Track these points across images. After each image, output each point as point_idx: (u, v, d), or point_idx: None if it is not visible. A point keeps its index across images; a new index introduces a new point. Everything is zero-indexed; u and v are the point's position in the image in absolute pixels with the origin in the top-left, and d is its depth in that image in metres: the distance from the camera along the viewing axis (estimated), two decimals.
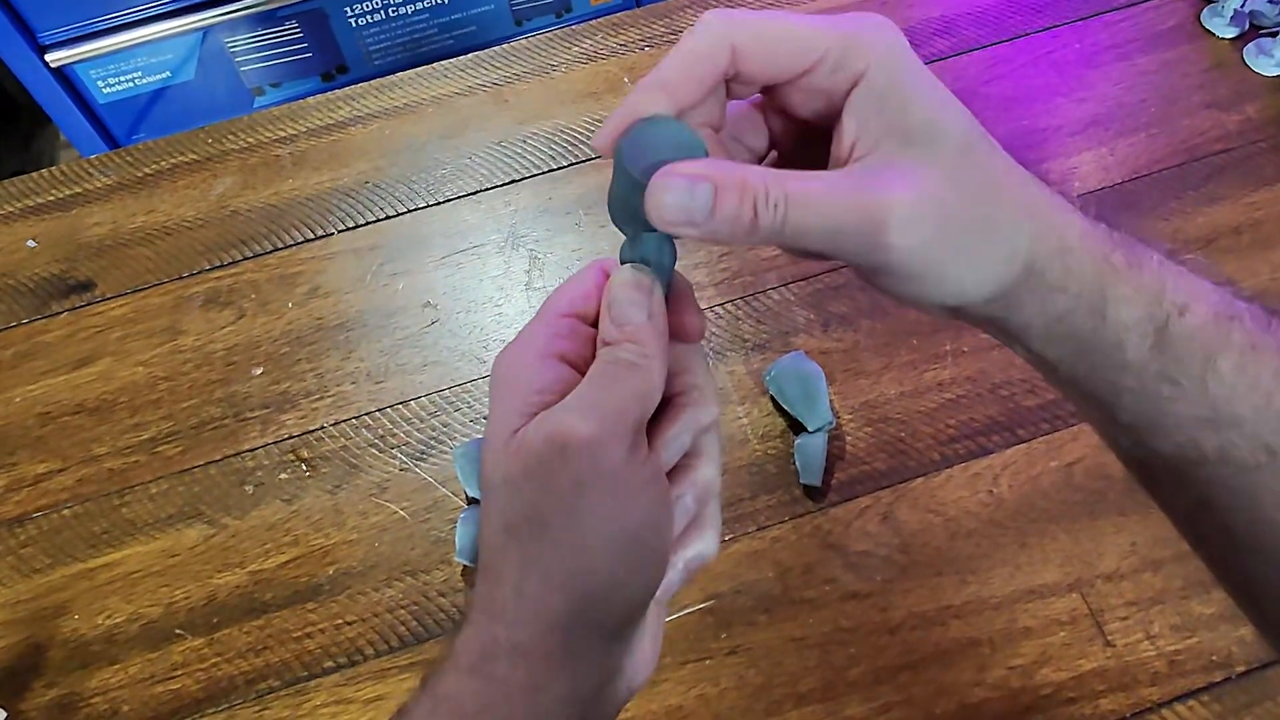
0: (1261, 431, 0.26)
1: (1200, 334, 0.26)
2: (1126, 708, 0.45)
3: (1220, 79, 0.66)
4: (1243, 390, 0.26)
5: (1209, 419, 0.26)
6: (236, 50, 1.28)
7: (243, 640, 0.49)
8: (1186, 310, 0.26)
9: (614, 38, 0.71)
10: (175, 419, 0.56)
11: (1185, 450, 0.27)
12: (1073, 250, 0.27)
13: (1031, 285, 0.26)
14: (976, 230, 0.26)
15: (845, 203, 0.25)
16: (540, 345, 0.27)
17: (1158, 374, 0.26)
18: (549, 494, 0.25)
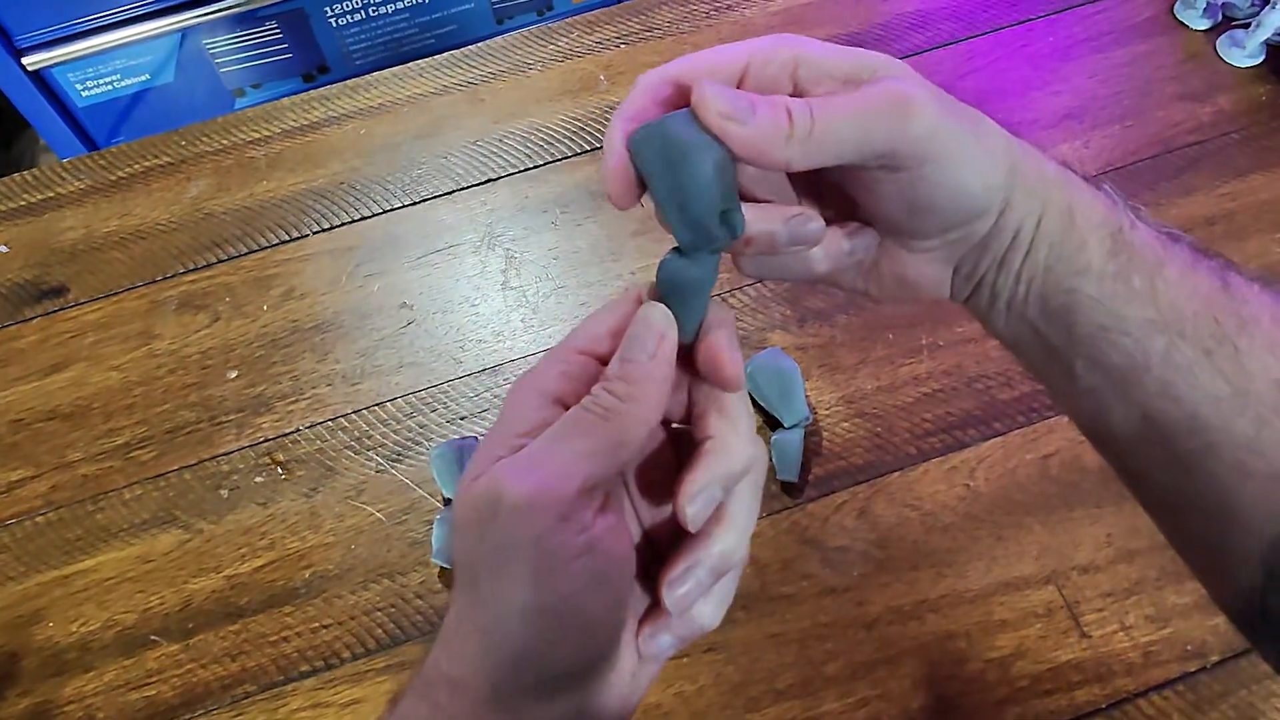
0: (1200, 333, 0.28)
1: (1150, 243, 0.29)
2: (1102, 699, 0.45)
3: (1193, 71, 0.66)
4: (1186, 294, 0.28)
5: (1156, 321, 0.28)
6: (216, 51, 1.28)
7: (218, 645, 0.49)
8: (1136, 225, 0.29)
9: (590, 35, 0.71)
10: (149, 424, 0.56)
11: (1134, 357, 0.29)
12: (1040, 160, 0.29)
13: (1019, 181, 0.28)
14: (969, 123, 0.28)
15: (869, 95, 0.26)
16: (543, 382, 0.27)
17: (1114, 275, 0.28)
18: (478, 550, 0.25)
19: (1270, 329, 0.28)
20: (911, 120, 0.26)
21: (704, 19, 0.71)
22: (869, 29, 0.70)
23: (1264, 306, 0.28)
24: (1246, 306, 0.28)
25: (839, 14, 0.71)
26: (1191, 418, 0.28)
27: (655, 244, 0.60)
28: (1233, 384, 0.28)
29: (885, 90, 0.26)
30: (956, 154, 0.27)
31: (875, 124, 0.26)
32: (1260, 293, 0.28)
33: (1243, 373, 0.27)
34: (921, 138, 0.26)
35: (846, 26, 0.70)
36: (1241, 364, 0.28)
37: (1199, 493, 0.29)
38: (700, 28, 0.71)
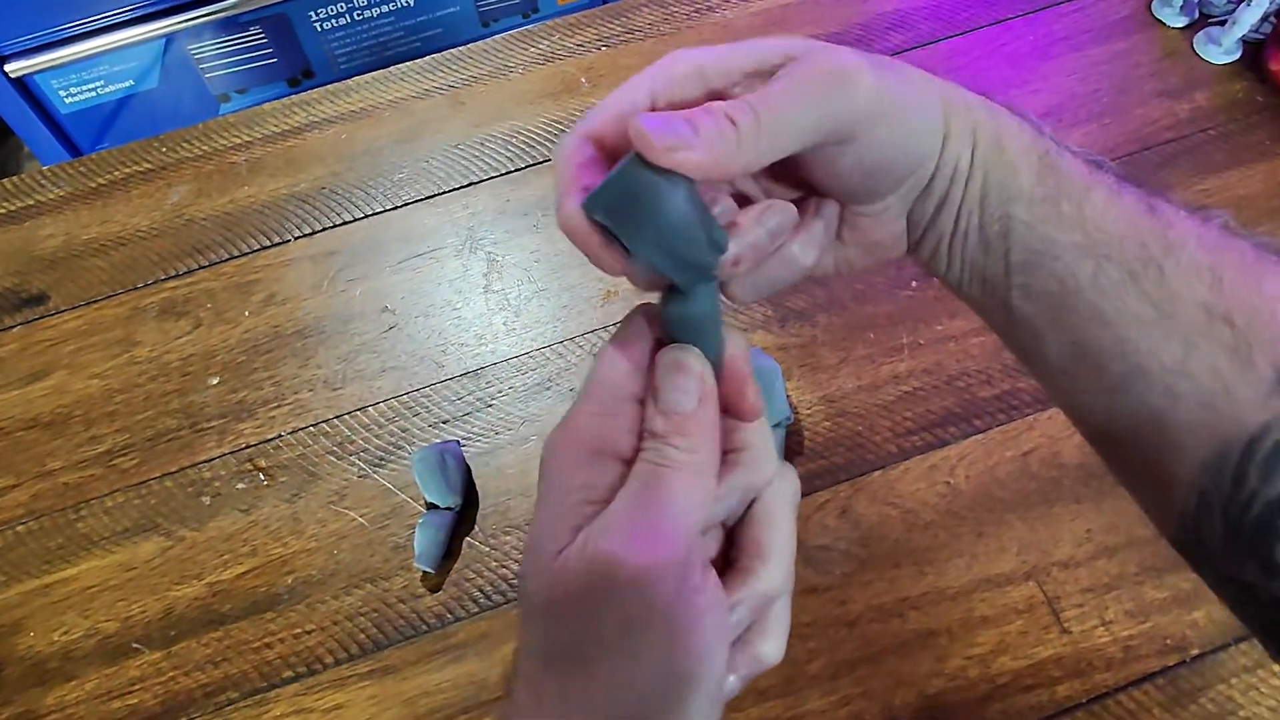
0: (1127, 256, 0.28)
1: (1076, 168, 0.29)
2: (1083, 694, 0.45)
3: (1171, 68, 0.67)
4: (1112, 218, 0.28)
5: (1084, 244, 0.28)
6: (200, 57, 1.27)
7: (201, 653, 0.49)
8: (1063, 152, 0.29)
9: (571, 38, 0.71)
10: (131, 431, 0.56)
11: (1064, 282, 0.29)
12: (963, 92, 0.30)
13: (952, 119, 0.29)
14: (896, 73, 0.28)
15: (802, 77, 0.26)
16: (586, 438, 0.25)
17: (1044, 199, 0.29)
18: (594, 631, 0.23)
19: (1196, 252, 0.27)
20: (854, 89, 0.26)
21: (684, 21, 0.71)
22: (849, 29, 0.70)
23: (1190, 231, 0.28)
24: (1172, 230, 0.28)
25: (819, 15, 0.71)
26: (1120, 341, 0.28)
27: None
28: (1159, 307, 0.28)
29: (818, 68, 0.26)
30: (900, 108, 0.27)
31: (821, 103, 0.26)
32: (1186, 218, 0.28)
33: (1169, 295, 0.27)
34: (868, 102, 0.26)
35: (826, 27, 0.70)
36: (1168, 286, 0.27)
37: (1132, 418, 0.29)
38: (681, 29, 0.71)
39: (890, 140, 0.28)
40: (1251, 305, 0.26)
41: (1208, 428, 0.27)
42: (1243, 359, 0.26)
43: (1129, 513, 0.49)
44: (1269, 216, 0.59)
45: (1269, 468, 0.26)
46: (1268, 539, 0.26)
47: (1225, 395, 0.27)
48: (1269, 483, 0.26)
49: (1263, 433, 0.26)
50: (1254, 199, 0.60)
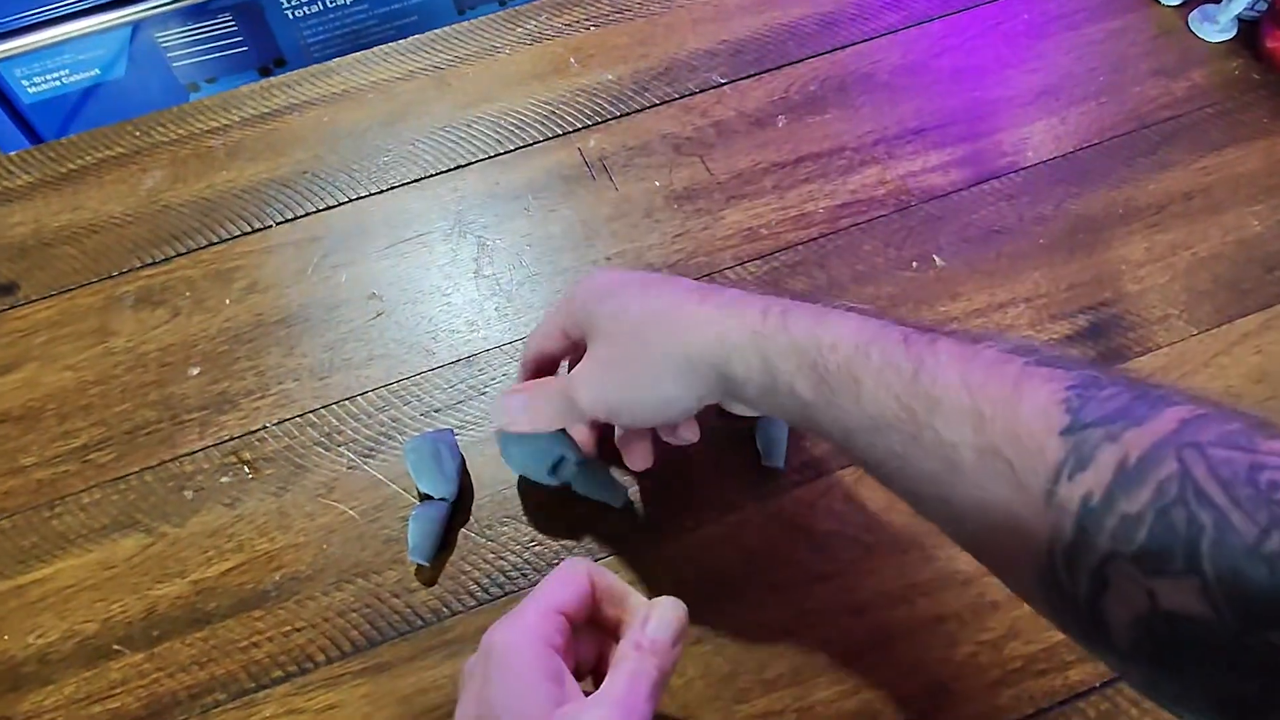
0: (901, 427, 0.32)
1: (844, 364, 0.33)
2: (1095, 678, 0.45)
3: (1167, 46, 0.66)
4: (881, 397, 0.32)
5: (868, 428, 0.33)
6: (169, 45, 1.24)
7: (185, 653, 0.47)
8: (835, 347, 0.34)
9: (558, 18, 0.69)
10: (107, 425, 0.53)
11: (866, 454, 0.34)
12: (730, 331, 0.36)
13: (712, 371, 0.37)
14: (641, 355, 0.38)
15: (552, 392, 0.42)
16: (541, 636, 0.34)
17: (826, 401, 0.34)
18: None
19: (960, 398, 0.30)
20: (580, 405, 0.41)
21: (676, 0, 0.70)
22: (843, 8, 0.69)
23: (952, 379, 0.31)
24: (935, 385, 0.31)
25: None
26: (925, 497, 0.33)
27: (630, 229, 0.59)
28: (941, 461, 0.31)
29: (555, 388, 0.42)
30: (623, 408, 0.40)
31: (566, 413, 0.42)
32: (951, 364, 0.31)
33: (946, 446, 0.30)
34: (589, 410, 0.40)
35: (820, 7, 0.69)
36: (942, 440, 0.30)
37: (964, 545, 0.33)
38: (671, 8, 0.69)
39: (635, 420, 0.41)
40: (1013, 433, 0.29)
41: (1020, 549, 0.29)
42: (1018, 487, 0.29)
43: None
44: (1268, 194, 0.59)
45: (1071, 569, 0.27)
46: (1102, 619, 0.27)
47: (1017, 520, 0.29)
48: (1076, 584, 0.27)
49: (1051, 544, 0.28)
50: (1253, 176, 0.60)
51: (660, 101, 0.65)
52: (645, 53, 0.67)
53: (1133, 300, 0.55)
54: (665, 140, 0.63)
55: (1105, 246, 0.57)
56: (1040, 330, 0.54)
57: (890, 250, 0.57)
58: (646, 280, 0.40)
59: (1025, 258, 0.57)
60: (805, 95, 0.64)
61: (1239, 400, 0.52)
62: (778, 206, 0.60)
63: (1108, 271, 0.56)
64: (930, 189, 0.60)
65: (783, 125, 0.63)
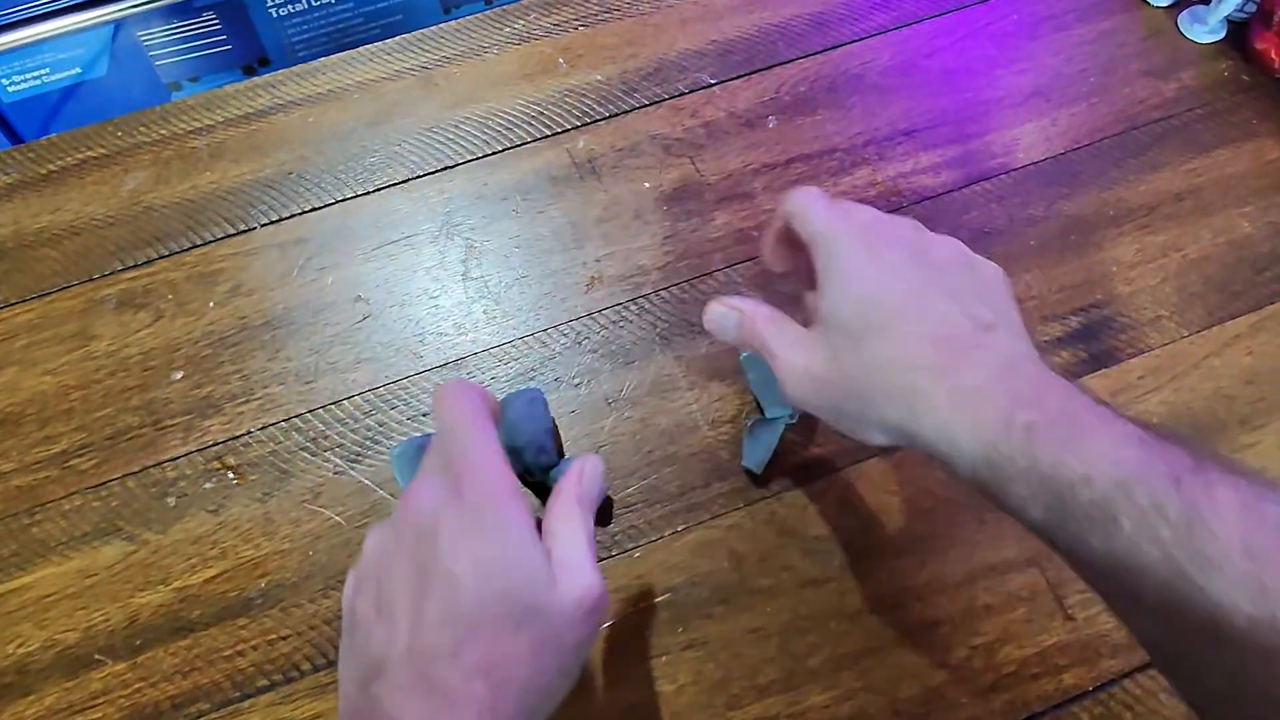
0: (1164, 579, 0.28)
1: (1102, 501, 0.29)
2: (1089, 681, 0.44)
3: (1156, 47, 0.66)
4: (1145, 546, 0.28)
5: (1118, 567, 0.29)
6: (151, 44, 1.23)
7: (169, 662, 0.46)
8: (1089, 481, 0.29)
9: (547, 18, 0.69)
10: (89, 430, 0.52)
11: (1109, 590, 0.31)
12: (959, 432, 0.32)
13: (929, 451, 0.34)
14: (852, 397, 0.35)
15: (772, 356, 0.38)
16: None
17: (1062, 528, 0.30)
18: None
19: (1239, 564, 0.27)
20: (785, 390, 0.38)
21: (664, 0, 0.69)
22: (832, 8, 0.68)
23: (1233, 540, 0.27)
24: (1214, 544, 0.27)
25: None
26: (1176, 649, 0.30)
27: (620, 230, 0.58)
28: (1204, 622, 0.27)
29: (778, 356, 0.38)
30: (830, 420, 0.38)
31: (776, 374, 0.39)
32: (1231, 523, 0.28)
33: (1212, 610, 0.27)
34: (795, 400, 0.38)
35: (810, 6, 0.69)
36: (1211, 602, 0.27)
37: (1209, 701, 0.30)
38: (661, 7, 0.69)
39: (840, 431, 0.38)
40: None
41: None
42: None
43: None
44: (1257, 195, 0.59)
45: None
46: None
47: (1273, 690, 0.26)
48: None
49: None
50: (1242, 177, 0.60)
51: (649, 102, 0.64)
52: (634, 53, 0.67)
53: (1124, 302, 0.55)
54: (654, 141, 0.62)
55: (1096, 248, 0.57)
56: (1032, 332, 0.54)
57: None
58: (888, 282, 0.35)
59: (1016, 259, 0.57)
60: (795, 96, 0.64)
61: (1231, 402, 0.52)
62: (769, 208, 0.59)
63: (1099, 273, 0.56)
64: (921, 190, 0.60)
65: (773, 126, 0.63)
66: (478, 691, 0.31)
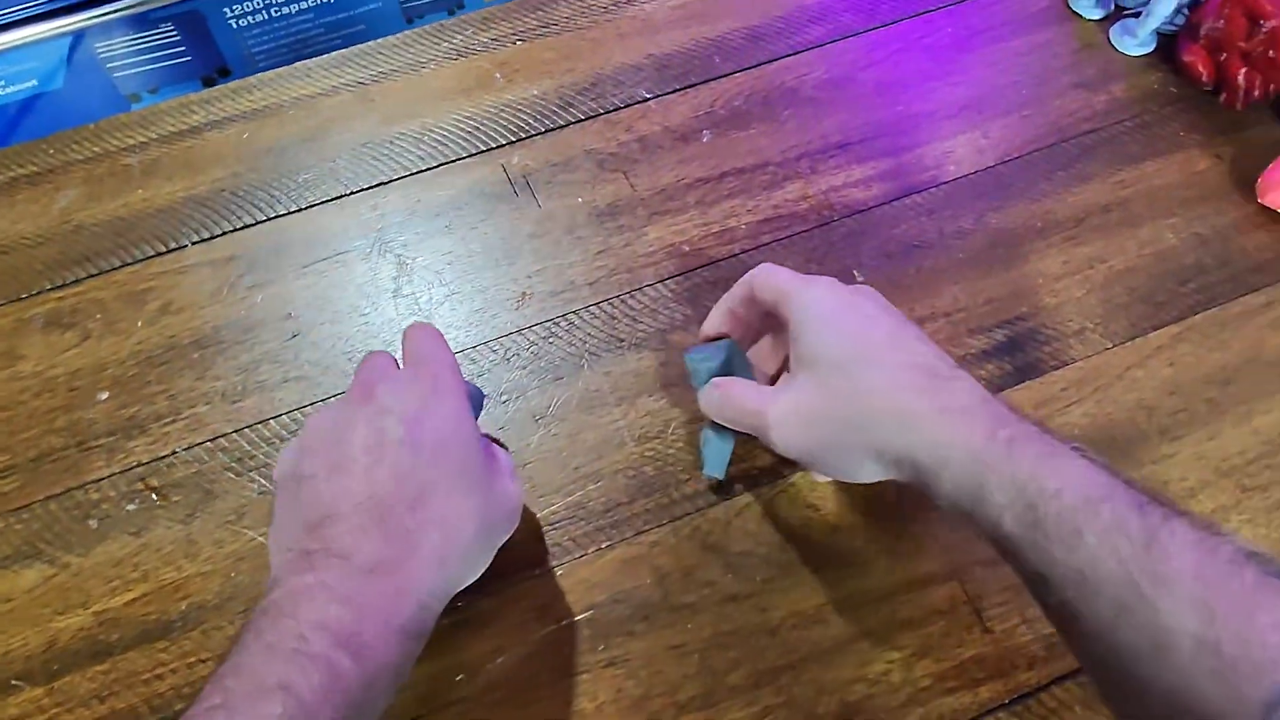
0: (1119, 593, 0.30)
1: (1067, 512, 0.32)
2: (1005, 694, 0.45)
3: (1088, 60, 0.67)
4: (1103, 557, 0.31)
5: (1077, 581, 0.31)
6: (110, 56, 1.22)
7: (86, 687, 0.46)
8: (1060, 494, 0.32)
9: (485, 32, 0.69)
10: (11, 452, 0.52)
11: (1063, 607, 0.33)
12: (945, 446, 0.35)
13: (919, 472, 0.36)
14: (846, 429, 0.38)
15: (748, 411, 0.42)
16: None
17: (1033, 542, 0.33)
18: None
19: (1191, 586, 0.29)
20: (770, 439, 0.41)
21: (602, 14, 0.70)
22: (768, 22, 0.69)
23: (1187, 565, 0.30)
24: (1169, 564, 0.30)
25: (737, 7, 0.70)
26: (1119, 666, 0.31)
27: (552, 246, 0.58)
28: (1151, 638, 0.30)
29: (755, 409, 0.42)
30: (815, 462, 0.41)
31: (755, 431, 0.43)
32: (1188, 550, 0.30)
33: (1161, 628, 0.29)
34: (781, 449, 0.41)
35: (746, 20, 0.69)
36: (1159, 620, 0.29)
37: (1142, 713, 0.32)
38: (599, 22, 0.69)
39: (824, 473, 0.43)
40: (1243, 638, 0.28)
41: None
42: (1232, 690, 0.28)
43: None
44: (1183, 206, 0.60)
45: None
46: None
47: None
48: None
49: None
50: (1169, 189, 0.60)
51: (585, 117, 0.64)
52: (571, 67, 0.67)
53: (1049, 314, 0.56)
54: (589, 156, 0.62)
55: (1023, 260, 0.58)
56: (957, 345, 0.55)
57: (811, 266, 0.57)
58: (867, 324, 0.40)
59: (944, 272, 0.57)
60: (730, 110, 0.64)
61: (1152, 413, 0.52)
62: (700, 222, 0.59)
63: (1025, 286, 0.57)
64: (852, 204, 0.60)
65: (707, 140, 0.63)
66: (432, 538, 0.36)
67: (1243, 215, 0.59)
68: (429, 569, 0.36)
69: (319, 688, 0.31)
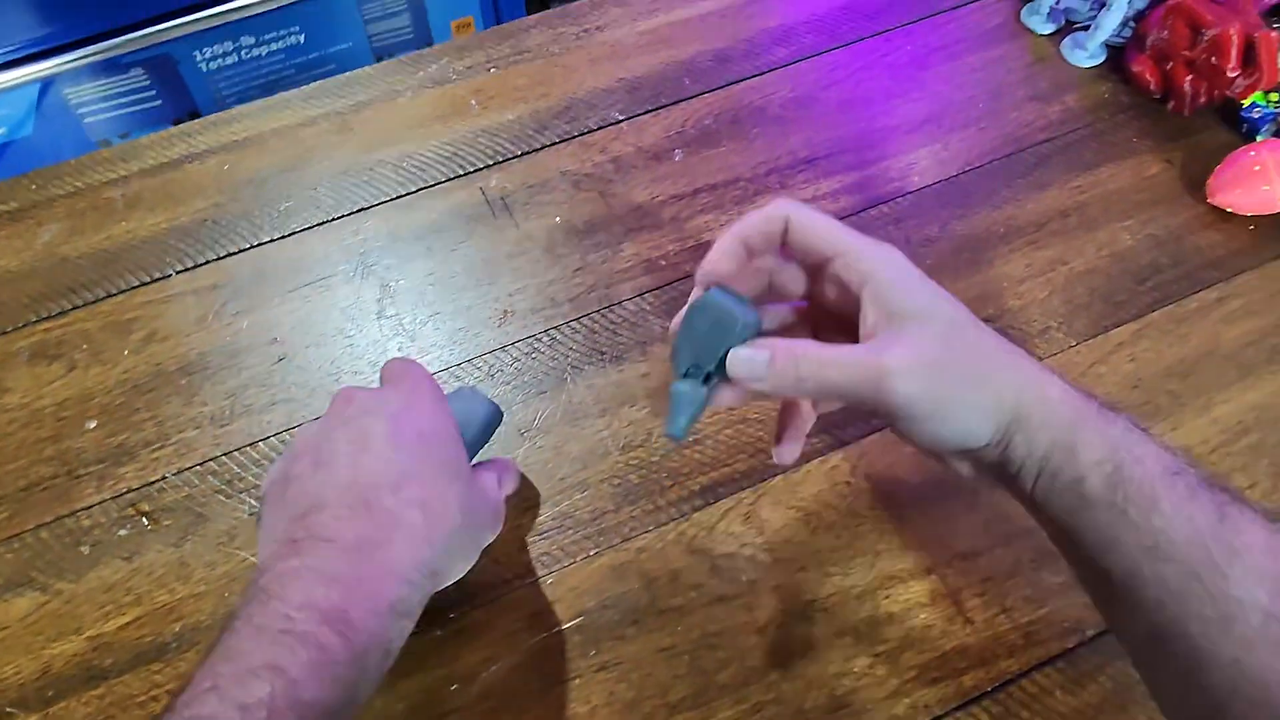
0: (1190, 559, 0.31)
1: (1149, 480, 0.33)
2: (988, 682, 0.46)
3: (1041, 73, 0.69)
4: (1178, 524, 0.32)
5: (1149, 547, 0.32)
6: (80, 102, 1.22)
7: (81, 712, 0.46)
8: (1142, 461, 0.33)
9: (460, 61, 0.71)
10: (1, 483, 0.52)
11: (1131, 576, 0.33)
12: (1052, 400, 0.35)
13: (1021, 425, 0.35)
14: (968, 380, 0.35)
15: (858, 362, 0.34)
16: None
17: (1110, 505, 0.33)
18: None
19: (1261, 559, 0.31)
20: (885, 392, 0.34)
21: (573, 41, 0.72)
22: (735, 45, 0.71)
23: (1257, 538, 0.31)
24: (1240, 537, 0.31)
25: (705, 32, 0.72)
26: (1183, 636, 0.31)
27: (531, 264, 0.60)
28: (1220, 609, 0.31)
29: (869, 359, 0.34)
30: (935, 415, 0.34)
31: (862, 388, 0.34)
32: (1258, 525, 0.32)
33: (1230, 599, 0.30)
34: (897, 405, 0.34)
35: (713, 43, 0.71)
36: (1229, 590, 0.30)
37: (1197, 702, 0.32)
38: (571, 49, 0.71)
39: (916, 433, 0.35)
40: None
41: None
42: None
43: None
44: (1138, 209, 0.62)
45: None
46: None
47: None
48: None
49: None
50: (1123, 192, 0.63)
51: (560, 139, 0.66)
52: (545, 92, 0.69)
53: (1014, 315, 0.58)
54: (565, 177, 0.64)
55: (988, 265, 0.60)
56: None
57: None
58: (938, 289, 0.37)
59: None
60: (701, 129, 0.66)
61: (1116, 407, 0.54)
62: (675, 237, 0.61)
63: (991, 289, 0.59)
64: None
65: (679, 159, 0.65)
66: (415, 518, 0.37)
67: (1194, 215, 0.62)
68: (413, 547, 0.37)
69: (306, 664, 0.32)
